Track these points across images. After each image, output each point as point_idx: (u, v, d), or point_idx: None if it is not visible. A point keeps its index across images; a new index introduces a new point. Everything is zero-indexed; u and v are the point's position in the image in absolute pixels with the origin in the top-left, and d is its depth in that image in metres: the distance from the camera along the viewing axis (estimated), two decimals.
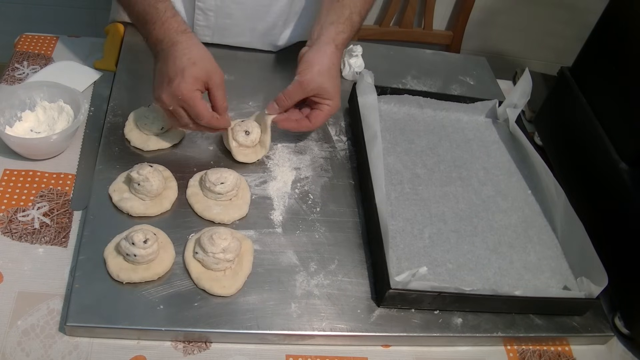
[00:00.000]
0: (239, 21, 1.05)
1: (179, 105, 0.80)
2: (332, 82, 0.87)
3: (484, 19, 1.97)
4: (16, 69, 1.00)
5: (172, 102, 0.79)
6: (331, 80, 0.87)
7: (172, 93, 0.78)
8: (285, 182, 0.89)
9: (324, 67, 0.86)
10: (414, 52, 1.27)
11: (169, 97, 0.79)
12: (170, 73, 0.78)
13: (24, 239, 0.76)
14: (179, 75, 0.78)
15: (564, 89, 1.02)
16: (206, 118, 0.81)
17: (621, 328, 0.83)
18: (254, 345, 0.72)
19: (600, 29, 0.95)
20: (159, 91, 0.80)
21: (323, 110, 0.88)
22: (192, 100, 0.79)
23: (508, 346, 0.79)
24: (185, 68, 0.78)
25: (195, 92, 0.79)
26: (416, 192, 0.91)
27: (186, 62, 0.78)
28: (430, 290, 0.75)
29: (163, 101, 0.80)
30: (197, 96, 0.79)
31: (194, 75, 0.78)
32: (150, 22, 0.82)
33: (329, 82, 0.87)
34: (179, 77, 0.77)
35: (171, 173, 0.85)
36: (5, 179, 0.82)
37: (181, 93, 0.78)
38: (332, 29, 0.89)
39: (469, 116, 1.08)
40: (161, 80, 0.79)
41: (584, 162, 0.96)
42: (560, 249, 0.89)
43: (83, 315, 0.68)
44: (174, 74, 0.78)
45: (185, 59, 0.79)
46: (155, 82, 0.81)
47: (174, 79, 0.78)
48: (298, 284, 0.77)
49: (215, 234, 0.74)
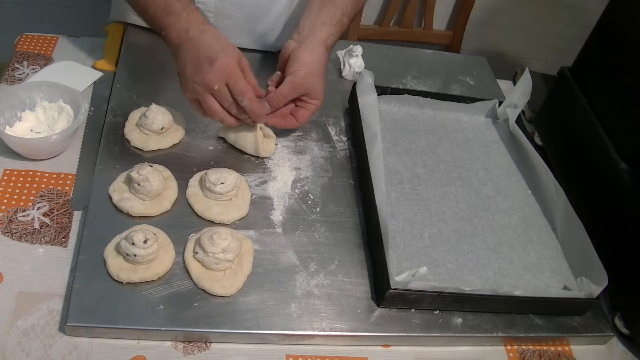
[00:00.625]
0: (238, 23, 1.05)
1: (224, 81, 0.80)
2: (321, 83, 0.89)
3: (484, 19, 1.97)
4: (16, 69, 1.00)
5: (218, 80, 0.79)
6: (321, 82, 0.89)
7: (218, 69, 0.79)
8: (285, 182, 0.89)
9: (316, 69, 0.88)
10: (414, 52, 1.27)
11: (214, 75, 0.79)
12: (210, 53, 0.79)
13: (24, 239, 0.76)
14: (220, 53, 0.79)
15: (564, 89, 1.02)
16: (250, 92, 0.81)
17: (621, 328, 0.83)
18: (254, 345, 0.72)
19: (600, 29, 0.95)
20: (201, 74, 0.80)
21: (309, 110, 0.91)
22: (238, 74, 0.80)
23: (508, 346, 0.79)
24: (225, 47, 0.81)
25: (238, 67, 0.81)
26: (416, 192, 0.91)
27: (223, 44, 0.81)
28: (430, 290, 0.75)
29: (209, 81, 0.79)
30: (240, 72, 0.81)
31: (234, 53, 0.81)
32: (174, 13, 0.83)
33: (319, 83, 0.89)
34: (222, 55, 0.79)
35: (171, 173, 0.85)
36: (5, 179, 0.82)
37: (228, 66, 0.79)
38: (325, 29, 0.90)
39: (469, 116, 1.08)
40: (200, 64, 0.80)
41: (584, 162, 0.96)
42: (560, 249, 0.89)
43: (83, 315, 0.68)
44: (215, 54, 0.79)
45: (221, 41, 0.81)
46: (190, 69, 0.81)
47: (216, 58, 0.79)
48: (298, 284, 0.77)
49: (215, 234, 0.74)
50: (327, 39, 0.90)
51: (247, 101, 0.81)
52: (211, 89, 0.80)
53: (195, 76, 0.80)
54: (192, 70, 0.80)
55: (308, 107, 0.91)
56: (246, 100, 0.81)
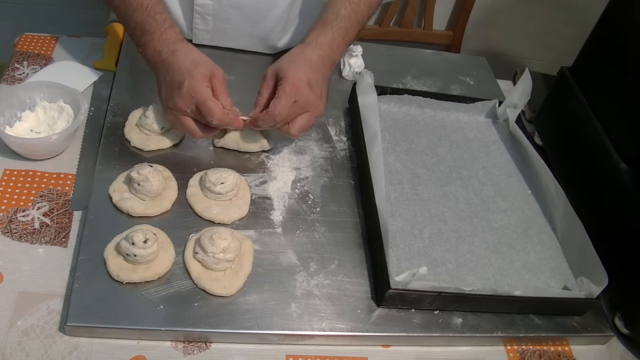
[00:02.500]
0: (237, 25, 1.05)
1: (194, 104, 0.79)
2: (290, 65, 0.82)
3: (484, 19, 1.97)
4: (16, 69, 1.00)
5: (188, 104, 0.79)
6: (289, 64, 0.82)
7: (186, 94, 0.79)
8: (285, 182, 0.89)
9: (284, 57, 0.85)
10: (414, 52, 1.27)
11: (184, 100, 0.79)
12: (178, 78, 0.79)
13: (24, 239, 0.76)
14: (187, 77, 0.79)
15: (564, 89, 1.02)
16: (217, 113, 0.79)
17: (621, 328, 0.83)
18: (254, 345, 0.72)
19: (600, 29, 0.95)
20: (172, 99, 0.80)
21: (278, 91, 0.81)
22: (204, 96, 0.78)
23: (508, 346, 0.79)
24: (192, 69, 0.79)
25: (207, 89, 0.79)
26: (416, 192, 0.91)
27: (190, 64, 0.80)
28: (430, 290, 0.75)
29: (180, 107, 0.80)
30: (209, 92, 0.80)
31: (201, 73, 0.79)
32: (148, 33, 0.83)
33: (285, 63, 0.82)
34: (188, 78, 0.78)
35: (171, 173, 0.85)
36: (5, 179, 0.82)
37: (194, 90, 0.78)
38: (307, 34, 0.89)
39: (469, 116, 1.08)
40: (171, 89, 0.80)
41: (584, 162, 0.96)
42: (560, 249, 0.89)
43: (83, 315, 0.68)
44: (182, 78, 0.79)
45: (188, 62, 0.80)
46: (165, 93, 0.82)
47: (183, 82, 0.79)
48: (298, 284, 0.77)
49: (215, 234, 0.74)
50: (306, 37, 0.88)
51: (216, 121, 0.80)
52: (184, 112, 0.81)
53: (168, 101, 0.81)
54: (166, 95, 0.82)
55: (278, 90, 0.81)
56: (215, 120, 0.80)
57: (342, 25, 0.89)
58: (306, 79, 0.81)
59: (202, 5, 1.01)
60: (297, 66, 0.82)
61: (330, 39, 0.87)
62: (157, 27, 0.82)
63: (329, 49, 0.87)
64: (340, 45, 0.90)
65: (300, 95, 0.81)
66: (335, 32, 0.88)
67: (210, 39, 1.07)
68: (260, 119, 0.82)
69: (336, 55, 0.89)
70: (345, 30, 0.89)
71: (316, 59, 0.85)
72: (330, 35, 0.88)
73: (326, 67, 0.87)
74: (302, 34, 1.10)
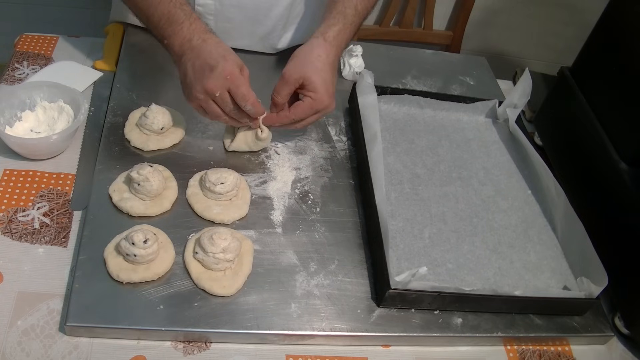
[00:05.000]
0: (238, 25, 1.05)
1: (226, 88, 0.79)
2: (318, 74, 0.83)
3: (484, 19, 1.97)
4: (16, 69, 1.00)
5: (220, 87, 0.79)
6: (317, 73, 0.83)
7: (219, 75, 0.78)
8: (285, 182, 0.89)
9: (307, 58, 0.85)
10: (414, 52, 1.27)
11: (216, 82, 0.79)
12: (211, 61, 0.79)
13: (24, 239, 0.76)
14: (221, 60, 0.79)
15: (564, 89, 1.02)
16: (252, 97, 0.81)
17: (621, 328, 0.83)
18: (254, 345, 0.72)
19: (600, 29, 0.95)
20: (203, 81, 0.79)
21: (304, 102, 0.84)
22: (240, 80, 0.79)
23: (508, 346, 0.79)
24: (226, 54, 0.81)
25: (239, 72, 0.80)
26: (416, 192, 0.91)
27: (224, 51, 0.81)
28: (430, 290, 0.75)
29: (210, 88, 0.79)
30: (242, 77, 0.80)
31: (235, 60, 0.81)
32: (177, 22, 0.83)
33: (314, 73, 0.83)
34: (222, 61, 0.79)
35: (171, 173, 0.85)
36: (5, 179, 0.82)
37: (229, 72, 0.79)
38: (323, 24, 0.89)
39: (469, 116, 1.08)
40: (202, 71, 0.80)
41: (584, 162, 0.96)
42: (560, 249, 0.89)
43: (83, 315, 0.68)
44: (216, 61, 0.79)
45: (222, 49, 0.81)
46: (192, 77, 0.81)
47: (216, 65, 0.79)
48: (298, 284, 0.77)
49: (215, 234, 0.74)
50: (324, 31, 0.88)
51: (250, 106, 0.81)
52: (213, 95, 0.80)
53: (197, 84, 0.80)
54: (194, 78, 0.81)
55: (304, 100, 0.84)
56: (249, 105, 0.81)
57: (357, 22, 0.92)
58: (332, 90, 0.86)
59: (204, 5, 1.01)
60: (326, 77, 0.85)
61: (348, 37, 0.91)
62: (186, 17, 0.83)
63: (344, 47, 0.92)
64: (349, 42, 0.93)
65: (327, 108, 0.86)
66: (352, 29, 0.91)
67: None
68: (277, 120, 0.86)
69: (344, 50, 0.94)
70: (356, 27, 0.93)
71: (336, 61, 0.89)
72: (349, 32, 0.91)
73: (337, 63, 0.91)
74: (303, 32, 1.10)
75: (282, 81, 0.84)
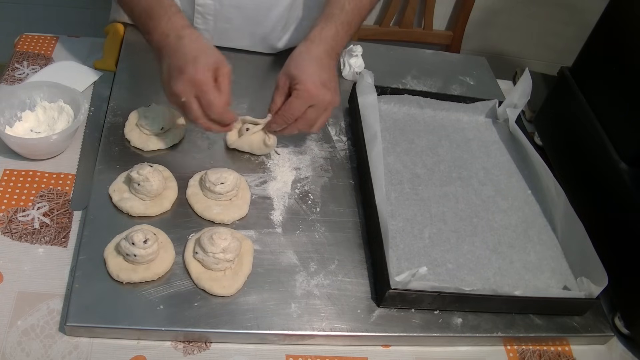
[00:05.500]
0: (238, 26, 1.05)
1: (194, 93, 0.78)
2: (299, 68, 0.83)
3: (484, 19, 1.97)
4: (16, 69, 1.00)
5: (187, 91, 0.78)
6: (298, 67, 0.83)
7: (187, 80, 0.77)
8: (285, 182, 0.89)
9: (292, 59, 0.85)
10: (414, 52, 1.27)
11: (184, 86, 0.78)
12: (181, 63, 0.78)
13: (24, 239, 0.76)
14: (190, 63, 0.77)
15: (564, 89, 1.02)
16: (218, 106, 0.79)
17: (621, 328, 0.83)
18: (254, 345, 0.72)
19: (600, 29, 0.95)
20: (172, 83, 0.78)
21: (292, 95, 0.83)
22: (206, 86, 0.78)
23: (508, 346, 0.79)
24: (197, 56, 0.78)
25: (209, 78, 0.78)
26: (416, 192, 0.91)
27: (197, 51, 0.79)
28: (430, 290, 0.75)
29: (178, 92, 0.78)
30: (211, 82, 0.78)
31: (206, 61, 0.78)
32: (155, 17, 0.82)
33: (296, 68, 0.83)
34: (191, 65, 0.77)
35: (171, 173, 0.85)
36: (5, 179, 0.82)
37: (196, 78, 0.77)
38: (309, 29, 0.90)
39: (469, 116, 1.08)
40: (172, 73, 0.79)
41: (584, 162, 0.96)
42: (560, 249, 0.89)
43: (83, 315, 0.68)
44: (185, 63, 0.78)
45: (195, 48, 0.79)
46: (165, 77, 0.80)
47: (185, 68, 0.77)
48: (298, 284, 0.77)
49: (215, 234, 0.74)
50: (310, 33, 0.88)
51: (215, 114, 0.79)
52: (180, 100, 0.79)
53: (167, 86, 0.80)
54: (166, 79, 0.80)
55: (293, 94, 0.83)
56: (214, 113, 0.79)
57: (346, 20, 0.90)
58: (319, 80, 0.83)
59: (203, 5, 1.01)
60: (308, 69, 0.83)
61: (334, 33, 0.88)
62: (164, 12, 0.82)
63: (333, 42, 0.88)
64: (344, 38, 0.91)
65: (318, 99, 0.83)
66: (339, 26, 0.89)
67: (210, 38, 1.06)
68: (274, 122, 0.85)
69: (339, 47, 0.91)
70: (349, 24, 0.91)
71: (323, 54, 0.86)
72: (335, 29, 0.89)
73: (332, 59, 0.88)
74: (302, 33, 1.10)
75: (275, 89, 0.85)
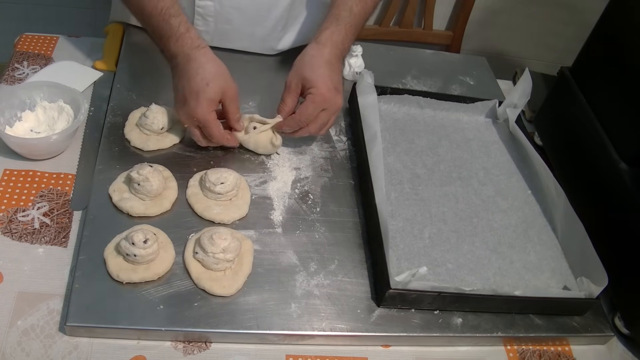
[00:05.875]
0: (238, 27, 1.05)
1: (195, 126, 0.84)
2: (313, 71, 0.85)
3: (484, 19, 1.97)
4: (16, 69, 1.00)
5: (189, 122, 0.84)
6: (312, 70, 0.86)
7: (189, 114, 0.82)
8: (285, 182, 0.89)
9: (302, 62, 0.87)
10: (414, 52, 1.27)
11: (186, 117, 0.83)
12: (186, 94, 0.81)
13: (24, 239, 0.76)
14: (194, 99, 0.81)
15: (564, 89, 1.02)
16: (217, 139, 0.85)
17: (621, 328, 0.83)
18: (254, 345, 0.72)
19: (600, 29, 0.95)
20: (177, 108, 0.84)
21: (306, 99, 0.86)
22: (207, 123, 0.83)
23: (508, 346, 0.79)
24: (200, 91, 0.80)
25: (210, 114, 0.82)
26: (416, 192, 0.91)
27: (200, 84, 0.80)
28: (430, 290, 0.75)
29: (181, 119, 0.85)
30: (212, 118, 0.83)
31: (208, 97, 0.81)
32: (164, 37, 0.84)
33: (310, 71, 0.86)
34: (194, 101, 0.81)
35: (171, 173, 0.85)
36: (5, 179, 0.82)
37: (197, 116, 0.82)
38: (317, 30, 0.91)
39: (469, 116, 1.08)
40: (179, 99, 0.84)
41: (584, 162, 0.96)
42: (560, 249, 0.89)
43: (83, 315, 0.68)
44: (189, 96, 0.81)
45: (199, 79, 0.81)
46: (175, 98, 0.85)
47: (189, 101, 0.81)
48: (298, 284, 0.77)
49: (215, 234, 0.74)
50: (318, 36, 0.89)
51: (216, 143, 0.86)
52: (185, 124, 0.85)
53: (176, 107, 0.85)
54: (175, 99, 0.85)
55: (306, 98, 0.86)
56: (215, 143, 0.87)
57: (354, 23, 0.92)
58: (333, 85, 0.86)
59: (203, 6, 1.01)
60: (322, 73, 0.86)
61: (343, 37, 0.90)
62: (171, 32, 0.83)
63: (342, 46, 0.91)
64: (351, 41, 0.93)
65: (331, 103, 0.86)
66: (348, 30, 0.91)
67: (210, 40, 1.06)
68: (286, 124, 0.87)
69: (346, 51, 0.93)
70: (356, 27, 0.92)
71: (334, 59, 0.89)
72: (344, 33, 0.90)
73: (339, 63, 0.91)
74: (302, 34, 1.10)
75: (285, 90, 0.88)
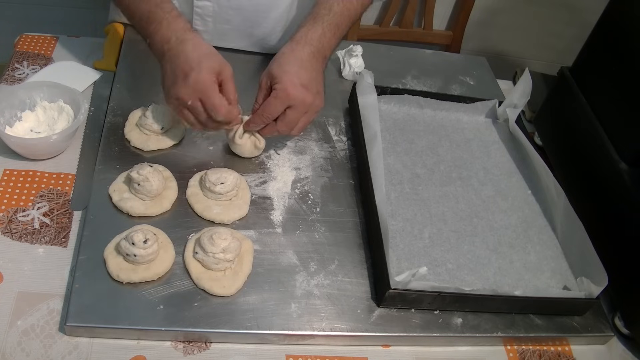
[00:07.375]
0: (237, 27, 1.05)
1: (198, 97, 0.79)
2: (279, 68, 0.82)
3: (484, 19, 1.97)
4: (16, 69, 1.00)
5: (191, 96, 0.79)
6: (279, 67, 0.82)
7: (191, 85, 0.78)
8: (285, 182, 0.89)
9: (275, 58, 0.85)
10: (414, 52, 1.27)
11: (187, 91, 0.78)
12: (185, 67, 0.78)
13: (24, 239, 0.76)
14: (195, 68, 0.78)
15: (564, 89, 1.02)
16: (224, 109, 0.80)
17: (621, 328, 0.83)
18: (254, 345, 0.72)
19: (600, 29, 0.95)
20: (175, 88, 0.79)
21: (270, 95, 0.82)
22: (211, 91, 0.78)
23: (508, 346, 0.79)
24: (201, 60, 0.78)
25: (213, 82, 0.79)
26: (416, 192, 0.91)
27: (199, 56, 0.79)
28: (430, 290, 0.75)
29: (181, 97, 0.79)
30: (214, 86, 0.79)
31: (210, 66, 0.79)
32: (156, 22, 0.82)
33: (276, 68, 0.82)
34: (196, 69, 0.78)
35: (171, 173, 0.85)
36: (5, 179, 0.82)
37: (201, 82, 0.77)
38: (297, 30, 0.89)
39: (469, 116, 1.08)
40: (175, 77, 0.79)
41: (584, 162, 0.96)
42: (560, 249, 0.89)
43: (83, 315, 0.68)
44: (189, 68, 0.78)
45: (197, 53, 0.79)
46: (168, 81, 0.80)
47: (190, 72, 0.78)
48: (298, 284, 0.77)
49: (215, 234, 0.74)
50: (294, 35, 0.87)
51: (221, 117, 0.80)
52: (185, 104, 0.80)
53: (171, 90, 0.80)
54: (169, 84, 0.80)
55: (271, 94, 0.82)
56: (220, 116, 0.80)
57: (334, 21, 0.89)
58: (299, 81, 0.81)
59: (202, 7, 1.01)
60: (289, 69, 0.82)
61: (320, 34, 0.87)
62: (164, 15, 0.82)
63: (319, 44, 0.87)
64: (331, 40, 0.89)
65: (296, 100, 0.81)
66: (326, 28, 0.88)
67: (209, 40, 1.06)
68: (252, 121, 0.84)
69: (327, 50, 0.89)
70: (337, 26, 0.89)
71: (307, 56, 0.85)
72: (321, 30, 0.87)
73: (318, 62, 0.86)
74: None
75: (258, 89, 0.85)
